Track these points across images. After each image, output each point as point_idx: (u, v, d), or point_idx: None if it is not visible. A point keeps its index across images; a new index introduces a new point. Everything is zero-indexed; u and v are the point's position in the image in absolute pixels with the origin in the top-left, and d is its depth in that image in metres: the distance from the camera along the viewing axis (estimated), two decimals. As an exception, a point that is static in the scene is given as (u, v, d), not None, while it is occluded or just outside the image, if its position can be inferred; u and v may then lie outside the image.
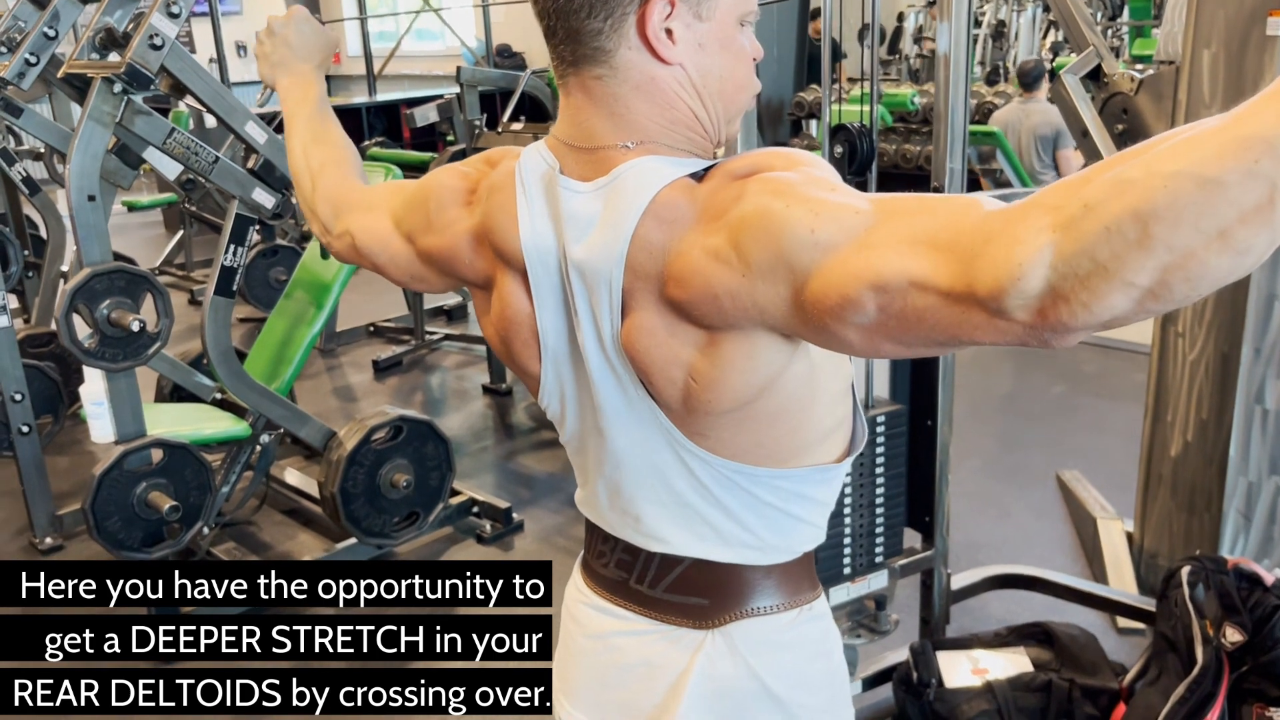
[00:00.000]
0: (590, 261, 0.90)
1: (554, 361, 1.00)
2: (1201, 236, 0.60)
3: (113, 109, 2.53)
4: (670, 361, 0.89)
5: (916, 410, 2.32)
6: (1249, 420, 2.51)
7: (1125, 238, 0.62)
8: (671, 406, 0.92)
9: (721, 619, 1.01)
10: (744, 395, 0.89)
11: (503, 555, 3.30)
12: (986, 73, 9.46)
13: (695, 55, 0.90)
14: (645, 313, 0.88)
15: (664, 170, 0.88)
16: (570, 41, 0.89)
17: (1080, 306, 0.64)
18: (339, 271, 3.39)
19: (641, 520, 1.01)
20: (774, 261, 0.79)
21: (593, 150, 0.92)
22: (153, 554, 2.70)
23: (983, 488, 3.58)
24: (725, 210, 0.83)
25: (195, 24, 10.57)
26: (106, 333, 2.53)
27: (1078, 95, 2.71)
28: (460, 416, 4.56)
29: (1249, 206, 0.59)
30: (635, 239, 0.87)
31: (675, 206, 0.86)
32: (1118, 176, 0.63)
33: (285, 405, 3.05)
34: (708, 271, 0.82)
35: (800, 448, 0.96)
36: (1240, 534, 2.58)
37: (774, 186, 0.81)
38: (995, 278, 0.67)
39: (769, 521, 0.99)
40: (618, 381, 0.95)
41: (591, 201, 0.91)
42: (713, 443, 0.94)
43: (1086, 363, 4.83)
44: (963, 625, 2.61)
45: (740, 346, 0.86)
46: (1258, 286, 2.42)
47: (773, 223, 0.79)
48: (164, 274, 7.00)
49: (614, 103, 0.91)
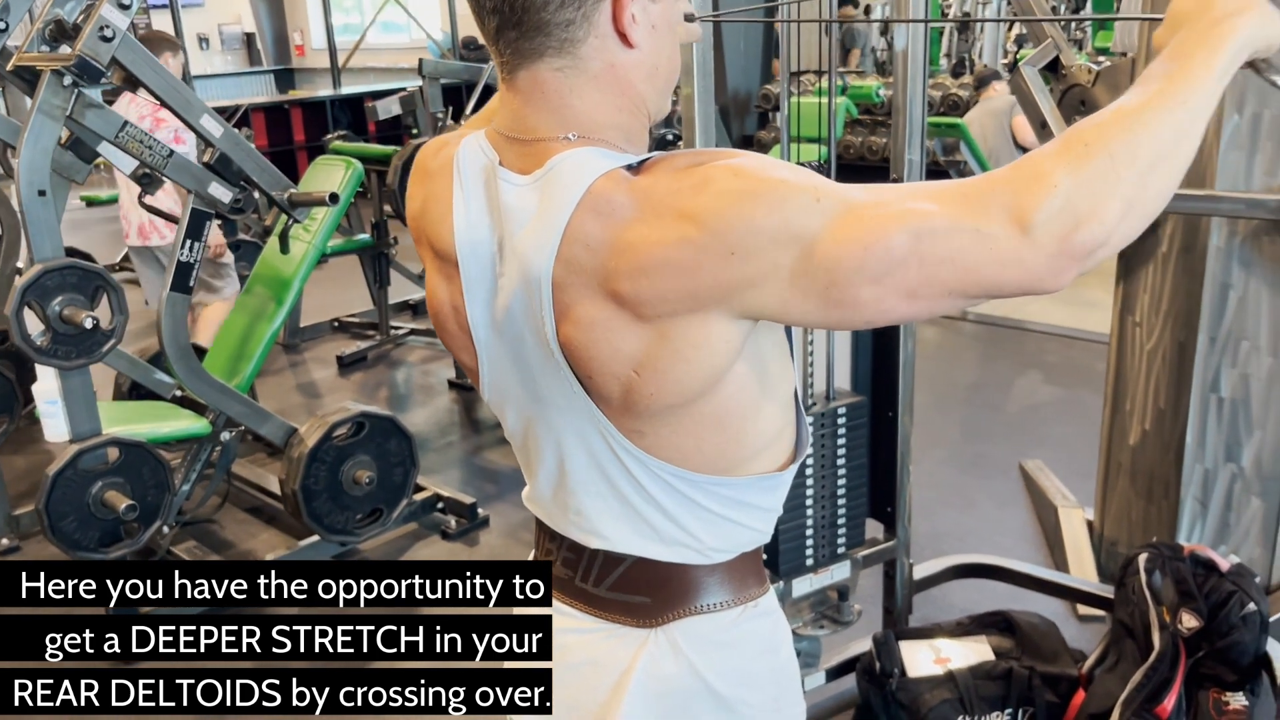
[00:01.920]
0: (526, 255, 0.89)
1: (487, 354, 0.99)
2: (1165, 154, 0.82)
3: (63, 102, 2.49)
4: (611, 356, 0.88)
5: (878, 402, 2.33)
6: (1205, 408, 2.53)
7: (1122, 160, 0.80)
8: (610, 402, 0.91)
9: (665, 617, 1.01)
10: (688, 389, 0.88)
11: (468, 551, 3.29)
12: (952, 65, 9.52)
13: (650, 37, 0.91)
14: (584, 306, 0.87)
15: (598, 163, 0.87)
16: (534, 33, 0.88)
17: (1096, 223, 0.79)
18: (299, 266, 3.35)
19: (584, 515, 1.01)
20: (774, 233, 0.80)
21: (533, 142, 0.91)
22: (109, 554, 2.66)
23: (947, 478, 3.60)
24: (682, 200, 0.82)
25: (156, 16, 10.43)
26: (59, 330, 2.48)
27: (1036, 86, 2.72)
28: (426, 412, 4.53)
29: (1187, 133, 0.83)
30: (569, 233, 0.86)
31: (612, 199, 0.85)
32: (1103, 122, 0.82)
33: (245, 402, 3.01)
34: (679, 259, 0.82)
35: (742, 458, 0.96)
36: (1197, 521, 2.61)
37: (745, 171, 0.82)
38: (1027, 204, 0.79)
39: (709, 526, 0.98)
40: (555, 377, 0.94)
41: (529, 194, 0.90)
42: (650, 442, 0.93)
43: (1050, 353, 4.87)
44: (926, 615, 2.63)
45: (690, 335, 0.85)
46: (1212, 276, 2.45)
47: (767, 197, 0.80)
48: (124, 270, 6.90)
49: (567, 94, 0.90)
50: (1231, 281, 2.44)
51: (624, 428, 0.93)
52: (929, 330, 5.25)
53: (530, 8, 0.87)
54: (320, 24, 11.33)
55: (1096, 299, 5.11)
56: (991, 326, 5.27)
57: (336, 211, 3.42)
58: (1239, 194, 2.32)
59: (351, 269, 5.73)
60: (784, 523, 2.22)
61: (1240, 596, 2.10)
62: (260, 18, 14.87)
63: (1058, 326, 5.12)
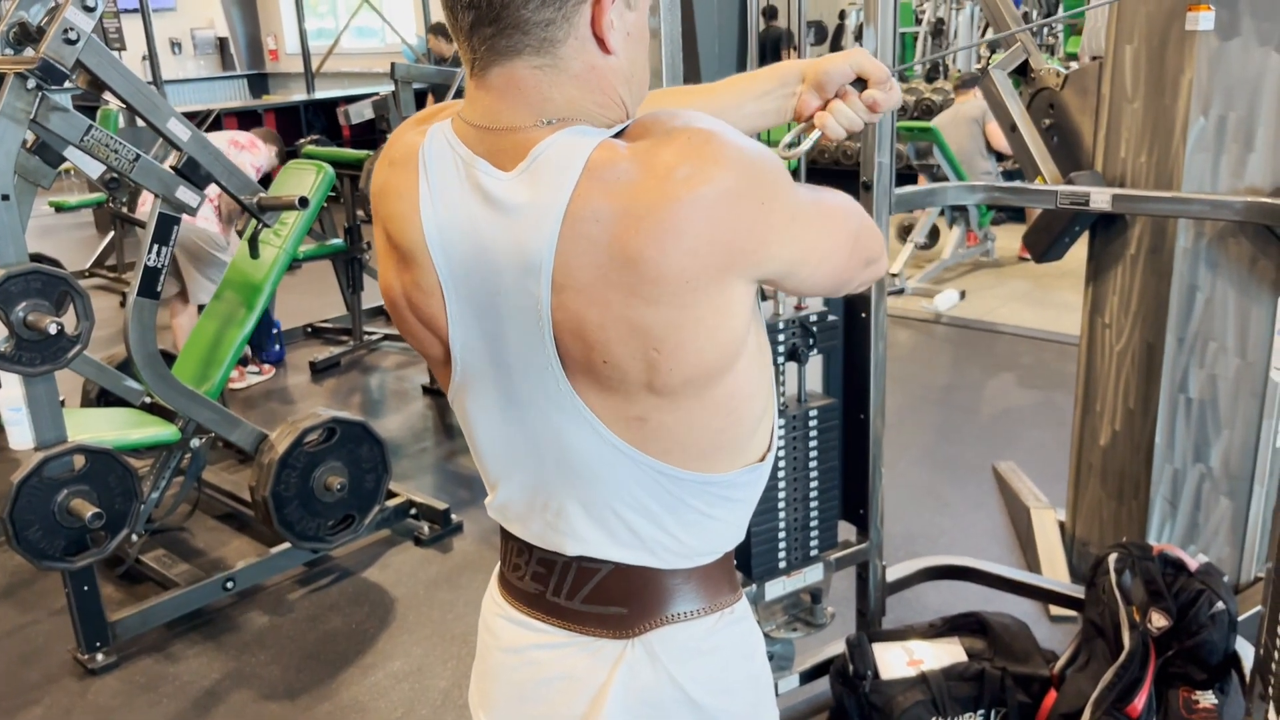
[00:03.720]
0: (522, 244, 0.87)
1: (464, 352, 0.96)
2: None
3: (26, 105, 2.45)
4: (629, 333, 0.85)
5: (849, 404, 2.33)
6: (1174, 409, 2.55)
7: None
8: (614, 389, 0.89)
9: (641, 627, 0.99)
10: (708, 362, 0.88)
11: (441, 557, 3.27)
12: (926, 70, 9.57)
13: (626, 44, 0.90)
14: (595, 287, 0.85)
15: (586, 139, 0.86)
16: (512, 31, 0.86)
17: None
18: (270, 271, 3.33)
19: (561, 516, 0.98)
20: (785, 181, 0.89)
21: (507, 131, 0.89)
22: (76, 563, 2.62)
23: (919, 479, 3.61)
24: (695, 158, 0.84)
25: (127, 20, 10.33)
26: (23, 336, 2.45)
27: (1006, 90, 2.75)
28: (399, 417, 4.51)
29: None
30: (571, 213, 0.84)
31: (614, 168, 0.84)
32: None
33: (214, 408, 2.98)
34: (713, 216, 0.83)
35: (736, 448, 0.97)
36: (1167, 520, 2.63)
37: (729, 132, 0.87)
38: None
39: (688, 524, 0.97)
40: (542, 372, 0.91)
41: (515, 185, 0.87)
42: (648, 431, 0.91)
43: (1022, 354, 4.90)
44: (899, 616, 2.63)
45: (713, 300, 0.85)
46: (1180, 277, 2.47)
47: (773, 163, 0.89)
48: (95, 275, 6.84)
49: (546, 88, 0.88)
50: (1199, 283, 2.46)
51: (617, 419, 0.91)
52: (902, 332, 5.27)
53: (509, 4, 0.85)
54: (294, 28, 11.27)
55: (1068, 301, 5.15)
56: (964, 329, 5.30)
57: (307, 216, 3.40)
58: (1205, 195, 2.34)
59: (324, 274, 5.70)
60: (756, 525, 2.22)
61: (1209, 595, 2.12)
62: (233, 22, 14.77)
63: (1030, 328, 5.16)
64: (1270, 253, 2.39)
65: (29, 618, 3.03)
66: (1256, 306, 2.43)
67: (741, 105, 1.14)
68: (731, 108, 1.13)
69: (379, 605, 3.02)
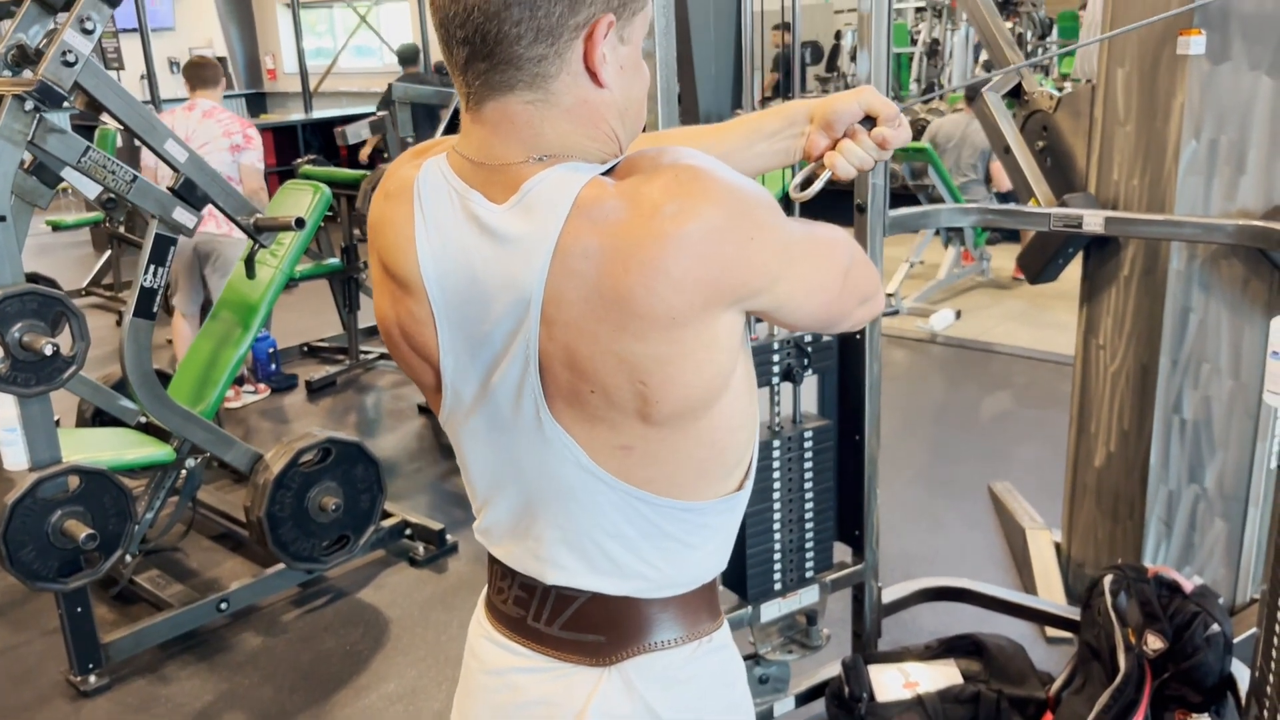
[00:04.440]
0: (513, 278, 0.88)
1: (453, 380, 0.98)
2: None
3: (24, 127, 2.46)
4: (616, 367, 0.86)
5: (844, 425, 2.33)
6: (1168, 430, 2.56)
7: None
8: (615, 413, 0.89)
9: (618, 656, 1.00)
10: (695, 394, 0.89)
11: (436, 578, 3.26)
12: (922, 90, 9.62)
13: (619, 78, 0.91)
14: (584, 320, 0.86)
15: (577, 175, 0.87)
16: (506, 67, 0.87)
17: None
18: (265, 292, 3.33)
19: (542, 544, 0.99)
20: (776, 212, 0.89)
21: (500, 167, 0.90)
22: (69, 584, 2.61)
23: (915, 500, 3.61)
24: (681, 193, 0.85)
25: (125, 40, 10.37)
26: (18, 356, 2.45)
27: (999, 112, 2.76)
28: (395, 437, 4.50)
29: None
30: (561, 248, 0.85)
31: (602, 205, 0.85)
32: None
33: (209, 428, 2.98)
34: (698, 252, 0.84)
35: (719, 476, 0.97)
36: (1162, 542, 2.63)
37: (714, 167, 0.88)
38: None
39: (667, 553, 0.98)
40: (524, 402, 0.93)
41: (508, 218, 0.89)
42: (632, 461, 0.92)
43: (1018, 374, 4.91)
44: (895, 638, 2.63)
45: (700, 334, 0.86)
46: (1173, 298, 2.48)
47: (764, 200, 0.89)
48: (91, 294, 6.84)
49: (538, 124, 0.89)
50: (1192, 305, 2.47)
51: (607, 446, 0.91)
52: (897, 353, 5.28)
53: (503, 41, 0.86)
54: (292, 48, 11.31)
55: (1063, 321, 5.16)
56: (959, 349, 5.31)
57: (304, 236, 3.41)
58: (1197, 219, 2.35)
59: (321, 294, 5.70)
60: (751, 547, 2.22)
61: (1204, 618, 2.12)
62: (232, 42, 14.82)
63: (1025, 348, 5.16)
64: (1262, 274, 2.40)
65: (21, 638, 3.02)
66: (1249, 328, 2.44)
67: (751, 145, 1.14)
68: (741, 149, 1.14)
69: (373, 626, 3.01)
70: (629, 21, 0.90)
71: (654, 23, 1.95)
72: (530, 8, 0.85)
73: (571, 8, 0.86)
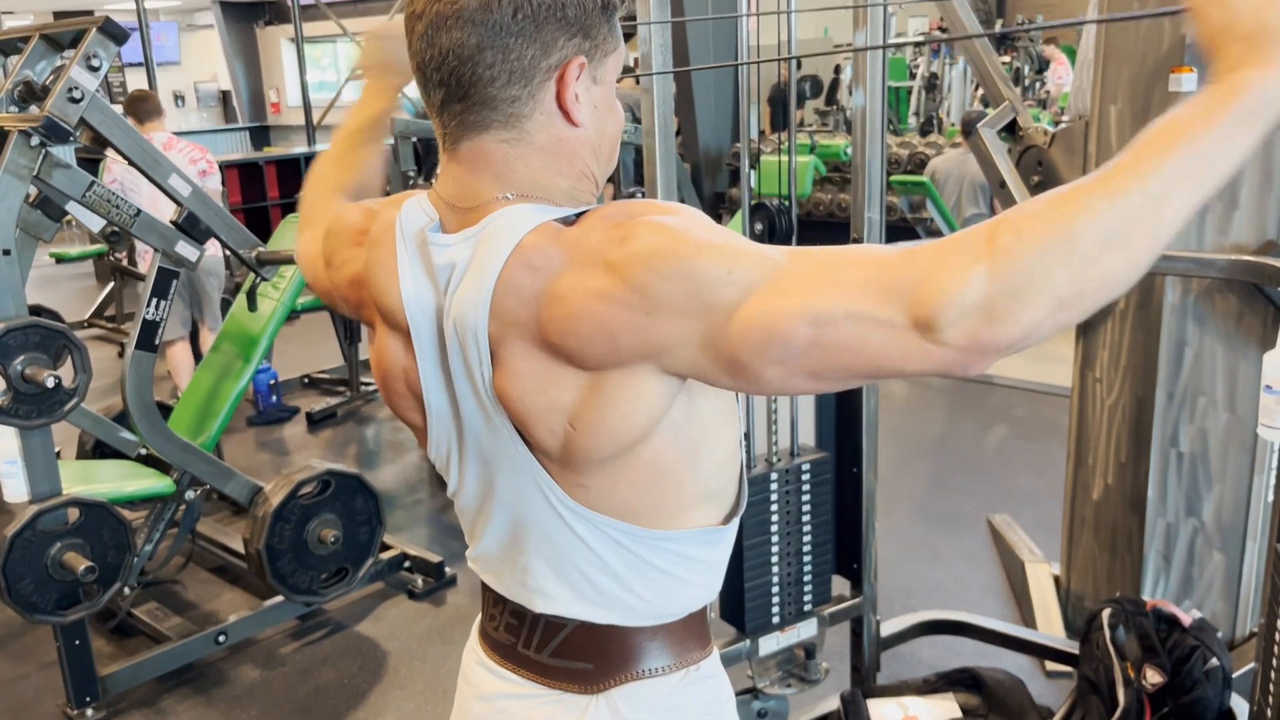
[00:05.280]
0: (460, 311, 0.91)
1: (437, 415, 1.00)
2: (1111, 247, 0.71)
3: (29, 162, 2.49)
4: (548, 408, 0.88)
5: (842, 457, 2.34)
6: (1165, 463, 2.56)
7: (1055, 254, 0.71)
8: (551, 456, 0.92)
9: (606, 683, 1.01)
10: (623, 440, 0.89)
11: (435, 611, 3.25)
12: (920, 123, 9.69)
13: (593, 116, 0.94)
14: (519, 360, 0.88)
15: (531, 216, 0.89)
16: (480, 108, 0.90)
17: (1013, 323, 0.72)
18: (267, 324, 3.35)
19: (529, 573, 1.01)
20: (685, 300, 0.79)
21: (473, 208, 0.93)
22: (67, 617, 2.61)
23: (914, 533, 3.61)
24: (607, 252, 0.83)
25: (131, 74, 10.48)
26: (20, 389, 2.46)
27: (995, 148, 2.79)
28: (394, 469, 4.51)
29: (1144, 220, 0.72)
30: (500, 286, 0.87)
31: (543, 251, 0.86)
32: (1040, 207, 0.73)
33: (209, 460, 2.99)
34: (600, 312, 0.82)
35: (682, 507, 0.96)
36: (1161, 575, 2.63)
37: (670, 230, 0.82)
38: (936, 299, 0.73)
39: (653, 583, 0.98)
40: (497, 434, 0.95)
41: (462, 250, 0.92)
42: (594, 497, 0.93)
43: (1016, 407, 4.92)
44: (894, 672, 2.62)
45: (622, 387, 0.86)
46: (1168, 332, 2.49)
47: (681, 263, 0.80)
48: (94, 326, 6.87)
49: (512, 161, 0.92)
50: (1187, 338, 2.49)
51: (567, 484, 0.93)
52: (896, 385, 5.29)
53: (477, 83, 0.89)
54: (295, 82, 11.41)
55: (1062, 354, 5.17)
56: (958, 380, 5.32)
57: (305, 269, 3.43)
58: (1190, 253, 2.37)
59: (322, 325, 5.73)
60: (749, 580, 2.22)
61: (1203, 652, 2.12)
62: (236, 76, 14.98)
63: (1024, 381, 5.17)
64: (1256, 309, 2.42)
65: (19, 671, 3.01)
66: (1244, 362, 2.46)
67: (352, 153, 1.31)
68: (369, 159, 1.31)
69: (371, 659, 3.00)
70: (601, 63, 0.93)
71: (651, 60, 1.99)
72: (503, 51, 0.87)
73: (544, 50, 0.88)
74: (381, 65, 1.31)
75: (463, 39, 0.87)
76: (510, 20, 0.87)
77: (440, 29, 0.88)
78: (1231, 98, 0.72)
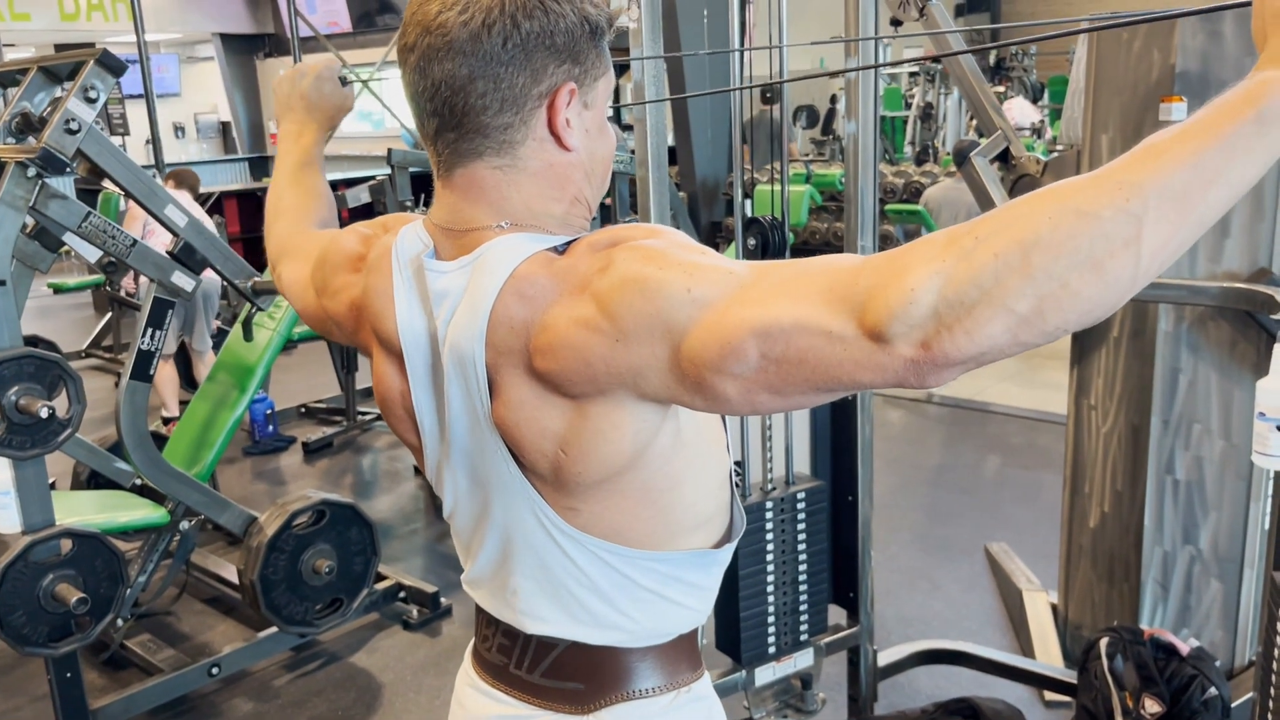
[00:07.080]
0: (456, 340, 0.92)
1: (431, 439, 1.01)
2: (1077, 266, 0.65)
3: (26, 193, 2.50)
4: (540, 434, 0.89)
5: (838, 486, 2.34)
6: (1161, 491, 2.56)
7: (1010, 265, 0.66)
8: (544, 479, 0.93)
9: (597, 703, 1.01)
10: (613, 465, 0.90)
11: (430, 641, 3.23)
12: (916, 152, 9.76)
13: (585, 141, 0.95)
14: (514, 388, 0.89)
15: (525, 246, 0.89)
16: (473, 136, 0.91)
17: (963, 335, 0.68)
18: (263, 354, 3.35)
19: (519, 595, 1.01)
20: (650, 322, 0.80)
21: (467, 232, 0.94)
22: (59, 649, 2.59)
23: (911, 561, 3.59)
24: (589, 280, 0.84)
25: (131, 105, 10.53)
26: (14, 420, 2.45)
27: (988, 176, 2.80)
28: (390, 499, 4.49)
29: (1119, 241, 0.65)
30: (494, 315, 0.88)
31: (535, 281, 0.87)
32: (1005, 214, 0.69)
33: (203, 490, 2.98)
34: (578, 340, 0.83)
35: (674, 531, 0.97)
36: (1159, 603, 2.62)
37: (644, 253, 0.83)
38: (884, 307, 0.70)
39: (643, 605, 0.99)
40: (492, 458, 0.95)
41: (457, 279, 0.93)
42: (585, 520, 0.94)
43: (1013, 435, 4.91)
44: (892, 702, 2.60)
45: (608, 415, 0.87)
46: (1162, 359, 2.50)
47: (648, 286, 0.80)
48: (91, 356, 6.87)
49: (505, 188, 0.93)
50: (1181, 366, 2.49)
51: (558, 506, 0.94)
52: (892, 413, 5.29)
53: (470, 112, 0.90)
54: (295, 113, 11.46)
55: (1058, 381, 5.17)
56: (955, 409, 5.32)
57: (302, 299, 3.43)
58: (1182, 281, 2.38)
59: (319, 355, 5.73)
60: (745, 609, 2.21)
61: (1201, 681, 2.11)
62: (236, 107, 15.06)
63: (1021, 409, 5.17)
64: (1250, 336, 2.43)
65: (9, 704, 2.98)
66: (1239, 389, 2.46)
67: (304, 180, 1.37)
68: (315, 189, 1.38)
69: (366, 690, 2.98)
70: (591, 88, 0.94)
71: (644, 89, 2.00)
72: (494, 80, 0.89)
73: (534, 78, 0.90)
74: (294, 106, 1.39)
75: (454, 70, 0.89)
76: (500, 50, 0.88)
77: (432, 60, 0.90)
78: (1248, 104, 0.65)
